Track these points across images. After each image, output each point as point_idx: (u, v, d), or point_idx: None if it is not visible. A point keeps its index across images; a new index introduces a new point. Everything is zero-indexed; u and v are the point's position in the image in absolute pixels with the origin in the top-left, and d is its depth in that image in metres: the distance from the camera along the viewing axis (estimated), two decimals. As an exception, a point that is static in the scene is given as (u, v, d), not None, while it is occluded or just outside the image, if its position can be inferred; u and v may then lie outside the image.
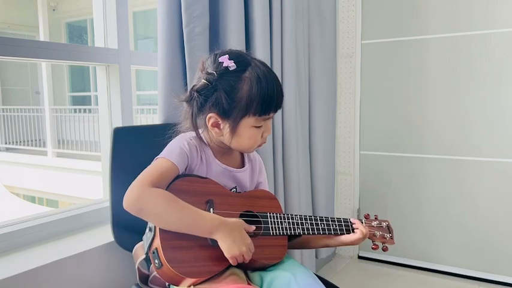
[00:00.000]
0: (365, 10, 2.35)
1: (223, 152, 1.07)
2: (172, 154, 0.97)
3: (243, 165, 1.12)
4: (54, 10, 8.07)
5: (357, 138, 2.44)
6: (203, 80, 0.98)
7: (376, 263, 2.44)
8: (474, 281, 2.18)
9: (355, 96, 2.42)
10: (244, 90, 0.97)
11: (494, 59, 2.06)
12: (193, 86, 1.00)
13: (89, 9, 6.87)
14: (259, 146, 1.06)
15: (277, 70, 1.71)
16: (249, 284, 0.97)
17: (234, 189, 1.06)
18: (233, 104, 0.97)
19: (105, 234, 1.24)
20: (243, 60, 1.00)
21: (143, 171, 0.94)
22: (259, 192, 1.10)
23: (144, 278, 1.05)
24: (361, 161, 2.45)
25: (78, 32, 8.54)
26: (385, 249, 1.19)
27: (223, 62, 0.98)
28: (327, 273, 2.28)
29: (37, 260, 1.09)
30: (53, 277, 1.10)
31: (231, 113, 0.98)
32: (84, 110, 7.20)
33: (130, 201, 0.89)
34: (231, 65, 0.98)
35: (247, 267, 1.01)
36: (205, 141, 1.05)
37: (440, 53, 2.17)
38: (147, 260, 0.95)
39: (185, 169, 0.99)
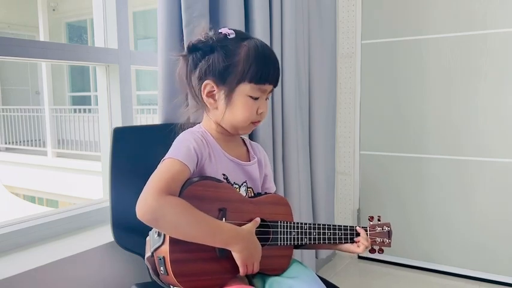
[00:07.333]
0: (365, 10, 2.35)
1: (227, 140, 1.05)
2: (180, 153, 0.92)
3: (249, 157, 1.10)
4: (54, 10, 8.06)
5: (357, 138, 2.44)
6: (201, 38, 1.00)
7: (376, 263, 2.44)
8: (474, 281, 2.18)
9: (355, 96, 2.42)
10: (241, 55, 0.97)
11: (494, 59, 2.06)
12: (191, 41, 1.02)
13: (89, 9, 6.86)
14: (255, 124, 1.02)
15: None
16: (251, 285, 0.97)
17: (245, 183, 1.05)
18: (230, 67, 0.97)
19: (105, 234, 1.24)
20: (242, 33, 1.03)
21: (153, 175, 0.89)
22: (271, 197, 1.08)
23: (157, 271, 0.97)
24: (361, 161, 2.45)
25: (78, 32, 8.54)
26: (380, 252, 1.20)
27: (222, 31, 1.00)
28: (327, 273, 2.28)
29: (37, 260, 1.09)
30: (53, 277, 1.10)
31: (227, 77, 0.97)
32: (84, 110, 7.20)
33: (145, 211, 0.84)
34: (230, 32, 1.00)
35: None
36: (207, 130, 1.03)
37: (440, 53, 2.17)
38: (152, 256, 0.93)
39: (196, 166, 0.95)
